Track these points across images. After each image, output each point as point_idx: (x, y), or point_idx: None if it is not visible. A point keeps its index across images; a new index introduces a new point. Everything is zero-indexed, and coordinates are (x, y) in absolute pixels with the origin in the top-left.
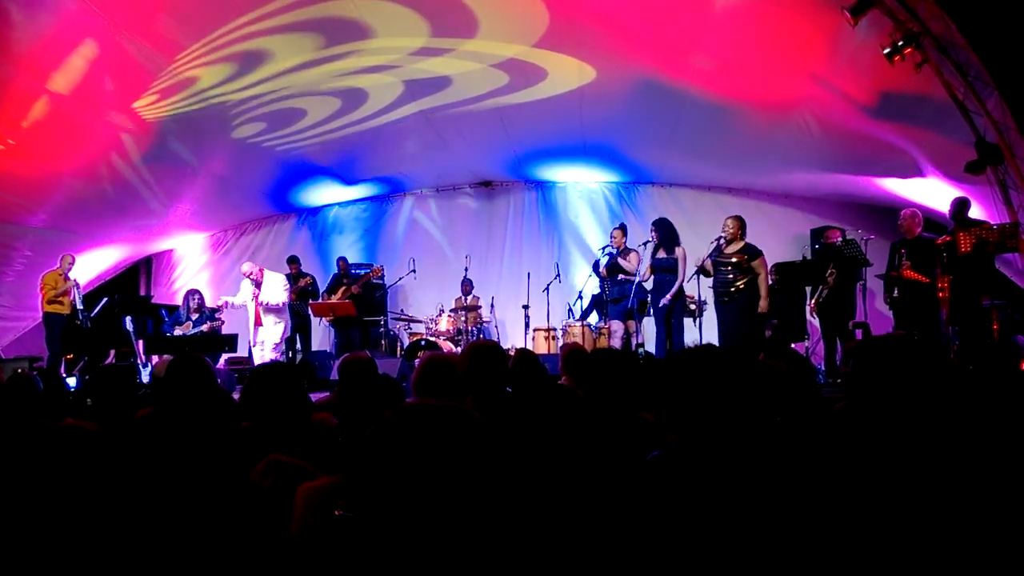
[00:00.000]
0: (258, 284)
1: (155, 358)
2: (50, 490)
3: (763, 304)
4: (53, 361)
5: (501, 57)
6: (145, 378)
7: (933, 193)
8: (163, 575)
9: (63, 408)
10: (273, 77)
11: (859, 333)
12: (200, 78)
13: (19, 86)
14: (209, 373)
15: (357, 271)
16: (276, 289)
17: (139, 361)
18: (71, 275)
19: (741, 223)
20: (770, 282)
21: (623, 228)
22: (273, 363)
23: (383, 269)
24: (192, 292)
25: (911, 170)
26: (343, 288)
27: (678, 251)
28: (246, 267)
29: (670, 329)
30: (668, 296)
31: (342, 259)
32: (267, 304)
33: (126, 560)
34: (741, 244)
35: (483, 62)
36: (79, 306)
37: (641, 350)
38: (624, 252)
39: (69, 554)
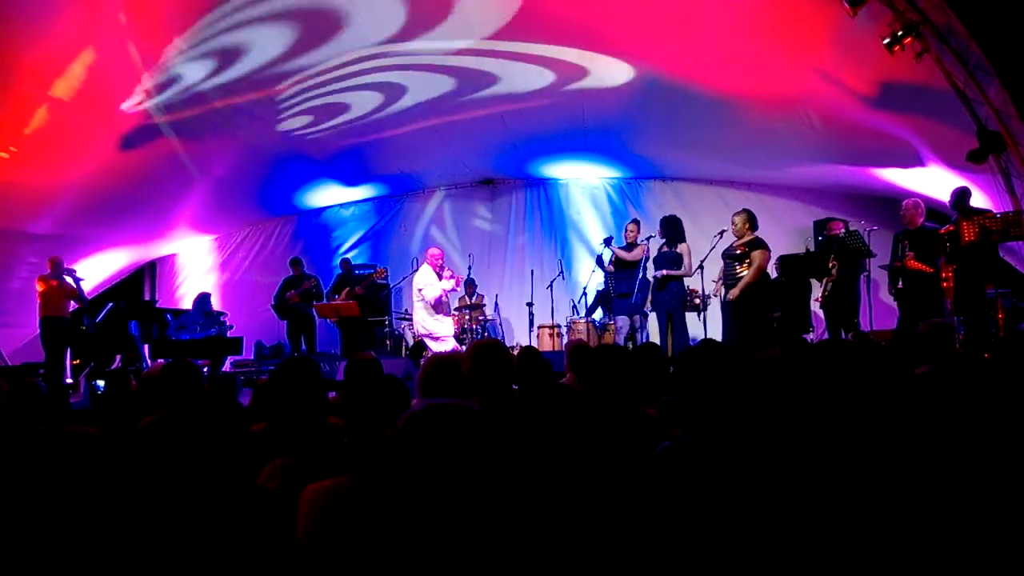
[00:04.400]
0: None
1: (161, 362)
2: (51, 495)
3: (733, 292)
4: (53, 366)
5: (500, 54)
6: None
7: (935, 183)
8: None
9: (66, 413)
10: (272, 76)
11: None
12: (196, 76)
13: (20, 93)
14: (197, 377)
15: (360, 272)
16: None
17: (145, 366)
18: (64, 275)
19: (748, 218)
20: (773, 276)
21: (637, 223)
22: (301, 358)
23: (387, 270)
24: (205, 296)
25: (913, 160)
26: (347, 289)
27: (681, 246)
28: (435, 251)
29: (671, 323)
30: (662, 272)
31: (345, 260)
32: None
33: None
34: (749, 238)
35: (482, 59)
36: (79, 282)
37: (629, 342)
38: (632, 246)
39: (73, 560)
